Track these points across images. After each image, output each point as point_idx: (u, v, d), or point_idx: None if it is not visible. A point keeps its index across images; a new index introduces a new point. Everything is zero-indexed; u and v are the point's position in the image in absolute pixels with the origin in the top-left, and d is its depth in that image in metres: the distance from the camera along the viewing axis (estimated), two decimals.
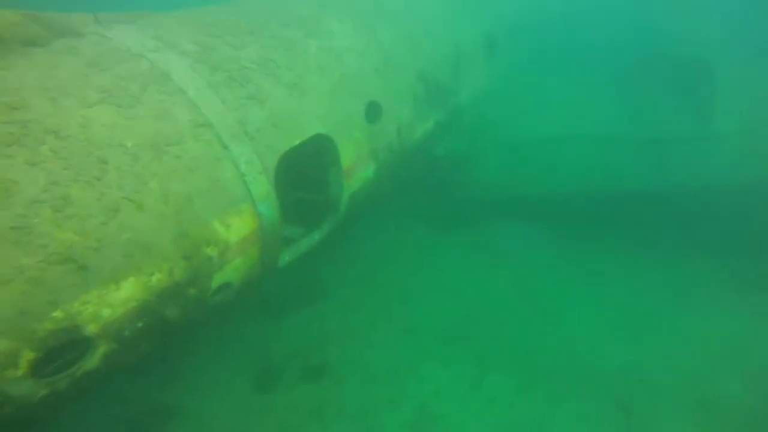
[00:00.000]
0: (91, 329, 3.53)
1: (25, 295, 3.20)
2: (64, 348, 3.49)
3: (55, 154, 3.50)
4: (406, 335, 6.76)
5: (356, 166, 5.98)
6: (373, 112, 6.30)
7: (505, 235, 8.19)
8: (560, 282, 7.34)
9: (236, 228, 4.42)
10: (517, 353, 6.30)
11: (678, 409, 5.45)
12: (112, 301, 3.59)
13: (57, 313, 3.33)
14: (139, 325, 3.77)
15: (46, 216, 3.34)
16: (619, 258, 7.65)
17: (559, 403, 5.64)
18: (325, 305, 7.36)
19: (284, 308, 7.26)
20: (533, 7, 11.52)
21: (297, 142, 5.09)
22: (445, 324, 6.86)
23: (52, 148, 3.51)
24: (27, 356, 3.26)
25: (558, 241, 8.05)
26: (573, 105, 8.26)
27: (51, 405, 3.57)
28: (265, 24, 5.79)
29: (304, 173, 6.30)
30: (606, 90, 8.47)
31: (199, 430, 5.64)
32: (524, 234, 8.13)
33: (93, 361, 3.67)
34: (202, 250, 4.11)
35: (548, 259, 7.77)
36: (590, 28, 11.39)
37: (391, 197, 7.93)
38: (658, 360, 5.99)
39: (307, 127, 5.27)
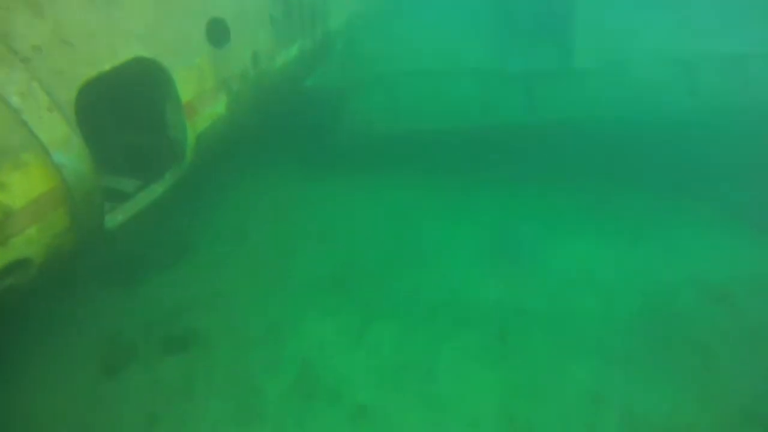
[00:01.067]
0: None
1: None
2: None
3: None
4: (284, 289, 6.20)
5: (201, 99, 4.89)
6: (218, 33, 5.15)
7: (383, 174, 7.75)
8: (437, 219, 7.17)
9: (20, 187, 3.26)
10: (399, 296, 6.09)
11: (545, 330, 5.68)
12: None
13: None
14: None
15: None
16: (492, 190, 7.67)
17: (442, 341, 5.57)
18: (187, 265, 6.48)
19: (136, 273, 6.21)
20: None
21: (107, 68, 3.87)
22: (326, 273, 6.39)
23: None
24: None
25: (435, 177, 7.84)
26: (448, 38, 7.90)
27: None
28: None
29: (136, 111, 5.06)
30: (480, 23, 8.17)
31: None
32: (402, 172, 7.76)
33: None
34: None
35: (426, 197, 7.54)
36: None
37: (254, 136, 6.93)
38: (527, 290, 6.16)
39: (120, 48, 4.04)
